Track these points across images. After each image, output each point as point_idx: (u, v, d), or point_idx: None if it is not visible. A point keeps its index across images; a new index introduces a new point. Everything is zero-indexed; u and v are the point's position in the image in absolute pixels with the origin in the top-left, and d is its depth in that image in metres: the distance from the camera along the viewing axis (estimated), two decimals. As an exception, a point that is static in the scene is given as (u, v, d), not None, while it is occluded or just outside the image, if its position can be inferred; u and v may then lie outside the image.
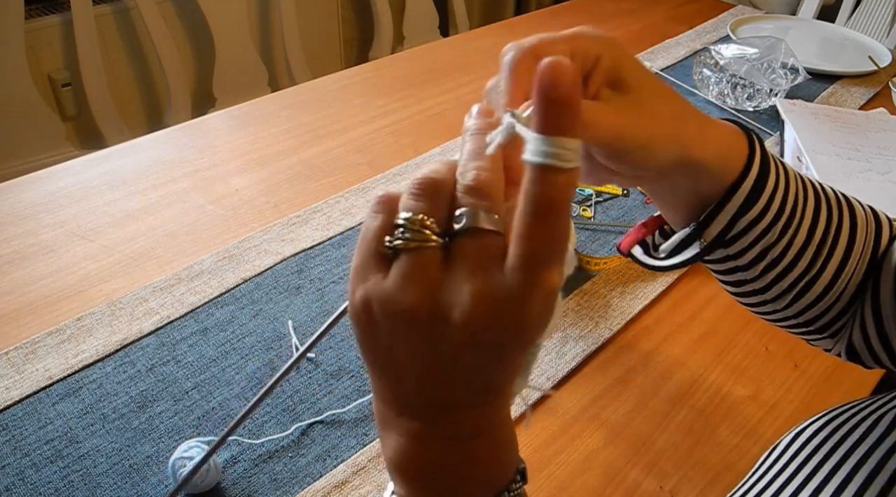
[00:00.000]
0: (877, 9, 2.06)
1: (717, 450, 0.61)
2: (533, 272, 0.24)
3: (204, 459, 0.50)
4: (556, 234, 0.24)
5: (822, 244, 0.43)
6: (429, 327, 0.25)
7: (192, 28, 2.06)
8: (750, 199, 0.40)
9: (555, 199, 0.24)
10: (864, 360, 0.47)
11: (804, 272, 0.43)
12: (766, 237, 0.41)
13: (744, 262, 0.43)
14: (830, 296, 0.45)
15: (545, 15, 1.57)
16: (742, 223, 0.41)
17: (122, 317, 0.70)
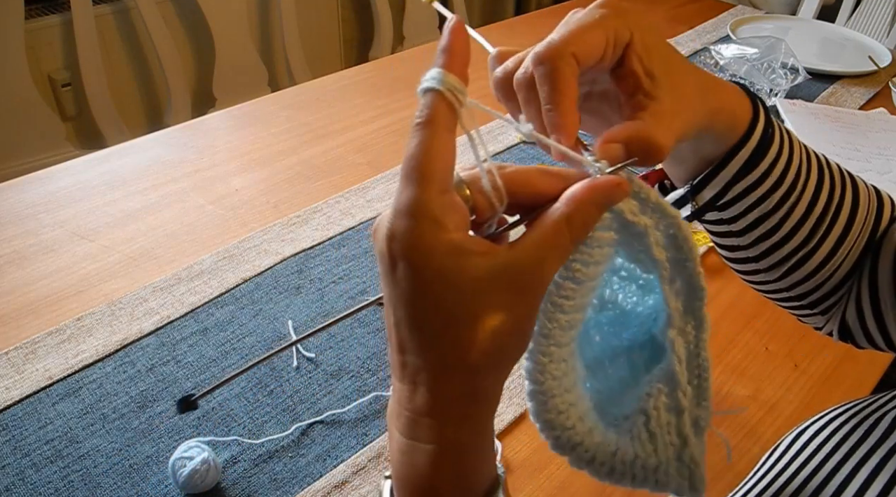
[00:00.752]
0: (877, 9, 2.06)
1: (717, 450, 0.61)
2: None
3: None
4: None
5: (822, 219, 0.42)
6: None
7: (192, 28, 2.06)
8: (747, 166, 0.39)
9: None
10: (856, 340, 0.46)
11: (800, 246, 0.42)
12: (762, 205, 0.41)
13: (738, 228, 0.43)
14: (825, 272, 0.44)
15: (545, 15, 1.57)
16: (738, 188, 0.40)
17: (122, 317, 0.70)
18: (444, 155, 0.28)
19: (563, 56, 0.31)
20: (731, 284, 0.79)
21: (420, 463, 0.29)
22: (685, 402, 0.31)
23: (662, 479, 0.31)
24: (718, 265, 0.81)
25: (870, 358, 0.71)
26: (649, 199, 0.31)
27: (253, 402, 0.62)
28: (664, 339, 0.31)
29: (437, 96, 0.28)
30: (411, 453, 0.29)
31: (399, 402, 0.30)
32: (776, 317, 0.75)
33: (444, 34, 0.29)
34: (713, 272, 0.80)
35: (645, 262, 0.32)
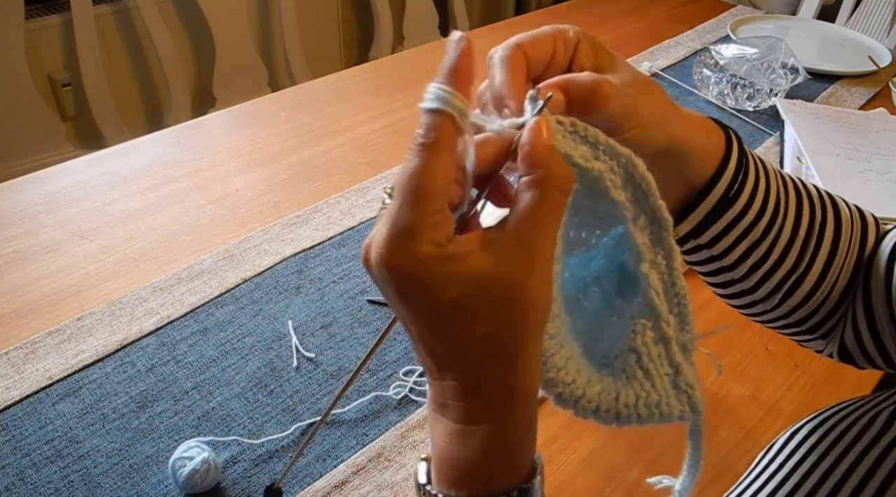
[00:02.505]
0: (877, 9, 2.06)
1: (716, 450, 0.61)
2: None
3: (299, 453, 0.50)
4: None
5: (808, 241, 0.43)
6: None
7: (192, 28, 2.06)
8: (727, 198, 0.40)
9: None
10: (857, 361, 0.46)
11: (791, 269, 0.43)
12: (750, 235, 0.41)
13: (729, 262, 0.43)
14: (819, 294, 0.44)
15: (545, 15, 1.57)
16: (723, 222, 0.41)
17: (122, 317, 0.70)
18: (446, 176, 0.28)
19: (511, 47, 0.34)
20: (731, 284, 0.79)
21: (473, 444, 0.30)
22: (670, 332, 0.32)
23: (665, 410, 0.32)
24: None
25: (870, 358, 0.71)
26: (598, 141, 0.31)
27: (253, 402, 0.62)
28: (637, 274, 0.32)
29: (445, 119, 0.28)
30: (463, 436, 0.30)
31: (446, 397, 0.30)
32: (776, 317, 0.75)
33: (450, 50, 0.29)
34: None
35: (605, 204, 0.32)
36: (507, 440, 0.30)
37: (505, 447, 0.30)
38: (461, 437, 0.30)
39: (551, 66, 0.35)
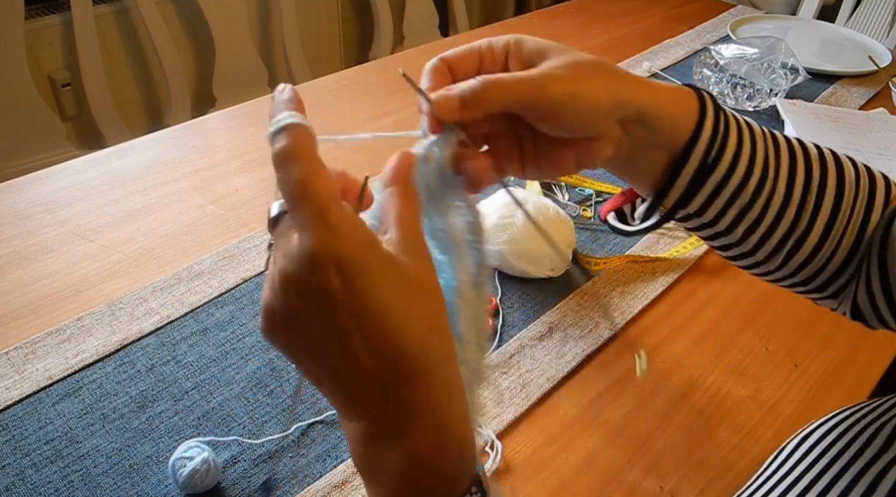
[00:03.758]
0: (877, 9, 2.06)
1: (717, 450, 0.61)
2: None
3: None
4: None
5: (805, 200, 0.41)
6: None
7: (192, 28, 2.06)
8: (707, 164, 0.39)
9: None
10: (868, 321, 0.45)
11: (790, 230, 0.42)
12: (739, 199, 0.40)
13: (723, 228, 0.42)
14: (824, 252, 0.43)
15: (545, 15, 1.57)
16: (707, 189, 0.40)
17: (122, 317, 0.70)
18: (324, 172, 0.30)
19: (435, 61, 0.37)
20: (732, 284, 0.79)
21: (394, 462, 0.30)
22: (470, 356, 0.34)
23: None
24: (718, 266, 0.81)
25: (869, 359, 0.71)
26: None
27: (253, 402, 0.62)
28: (451, 303, 0.33)
29: (294, 127, 0.31)
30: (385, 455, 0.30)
31: (368, 419, 0.30)
32: (776, 317, 0.75)
33: (277, 94, 0.33)
34: (713, 273, 0.80)
35: (442, 238, 0.35)
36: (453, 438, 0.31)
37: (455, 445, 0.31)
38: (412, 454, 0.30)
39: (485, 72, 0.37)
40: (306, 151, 0.30)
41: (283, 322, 0.29)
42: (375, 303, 0.28)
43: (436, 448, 0.30)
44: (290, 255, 0.28)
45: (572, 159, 0.39)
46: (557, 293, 0.76)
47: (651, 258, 0.81)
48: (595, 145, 0.38)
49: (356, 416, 0.31)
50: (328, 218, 0.28)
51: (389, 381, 0.29)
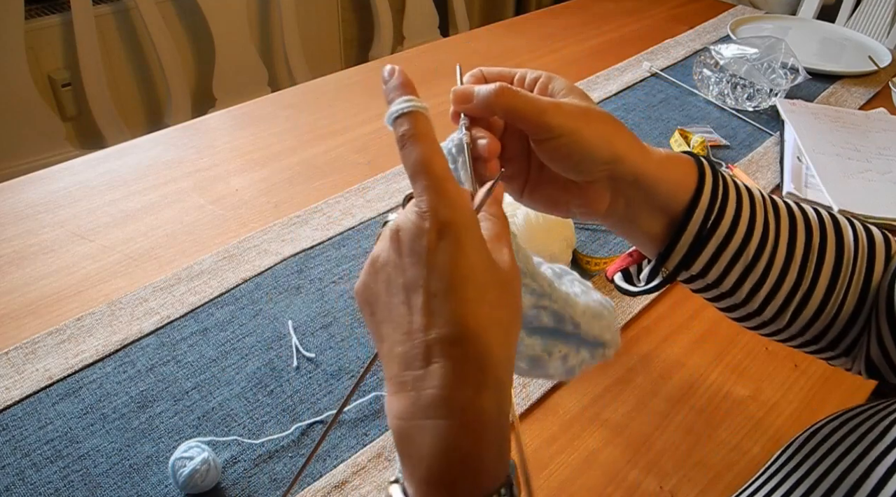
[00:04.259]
0: (877, 9, 2.06)
1: (717, 450, 0.61)
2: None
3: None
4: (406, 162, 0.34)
5: (807, 259, 0.43)
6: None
7: (192, 28, 2.06)
8: (707, 227, 0.41)
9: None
10: (885, 376, 0.46)
11: (794, 289, 0.43)
12: (741, 259, 0.42)
13: (727, 288, 0.44)
14: (829, 309, 0.44)
15: (545, 15, 1.57)
16: (708, 251, 0.42)
17: (122, 317, 0.70)
18: (442, 156, 0.34)
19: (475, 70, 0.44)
20: (731, 284, 0.79)
21: (475, 434, 0.30)
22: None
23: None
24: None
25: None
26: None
27: (253, 402, 0.62)
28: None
29: (417, 114, 0.34)
30: (461, 429, 0.30)
31: (426, 386, 0.30)
32: (776, 317, 0.75)
33: (387, 76, 0.36)
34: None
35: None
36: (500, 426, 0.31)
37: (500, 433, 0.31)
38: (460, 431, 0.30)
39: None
40: (425, 133, 0.34)
41: (377, 269, 0.33)
42: (458, 271, 0.30)
43: (475, 435, 0.30)
44: (404, 214, 0.32)
45: (567, 203, 0.43)
46: (557, 293, 0.76)
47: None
48: (590, 195, 0.42)
49: (403, 388, 0.31)
50: (441, 188, 0.32)
51: (440, 352, 0.30)
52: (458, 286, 0.30)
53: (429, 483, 0.30)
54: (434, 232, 0.31)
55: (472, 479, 0.30)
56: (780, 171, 1.01)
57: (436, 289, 0.30)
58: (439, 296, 0.30)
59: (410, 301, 0.31)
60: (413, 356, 0.30)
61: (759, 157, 1.05)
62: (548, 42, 1.40)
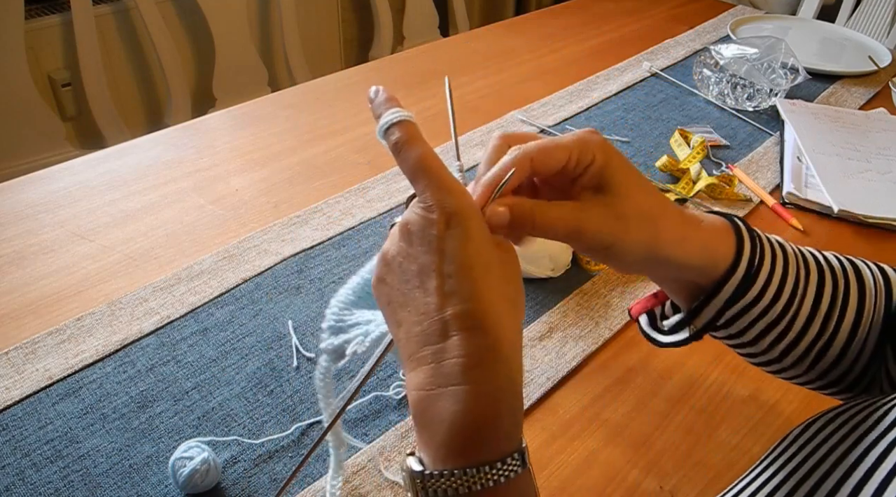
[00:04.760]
0: (877, 9, 2.06)
1: (717, 450, 0.61)
2: None
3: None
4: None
5: (830, 312, 0.43)
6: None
7: (192, 28, 2.06)
8: (739, 292, 0.41)
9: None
10: None
11: (815, 339, 0.44)
12: (764, 318, 0.42)
13: (748, 340, 0.44)
14: (849, 355, 0.45)
15: (545, 15, 1.57)
16: (734, 310, 0.42)
17: (122, 317, 0.70)
18: (436, 155, 0.36)
19: (525, 152, 0.38)
20: (731, 284, 0.79)
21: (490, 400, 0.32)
22: None
23: None
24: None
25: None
26: None
27: (253, 402, 0.62)
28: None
29: (407, 122, 0.38)
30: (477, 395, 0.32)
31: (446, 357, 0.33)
32: (776, 317, 0.75)
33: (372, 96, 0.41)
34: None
35: None
36: (515, 395, 0.33)
37: (514, 403, 0.33)
38: (475, 397, 0.32)
39: (562, 174, 0.39)
40: (416, 137, 0.37)
41: (388, 262, 0.36)
42: (467, 254, 0.33)
43: (492, 400, 0.32)
44: (410, 210, 0.35)
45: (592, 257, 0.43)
46: (557, 293, 0.76)
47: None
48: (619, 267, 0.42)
49: (422, 362, 0.33)
50: (442, 182, 0.35)
51: (457, 326, 0.32)
52: (468, 267, 0.33)
53: (448, 446, 0.32)
54: (442, 222, 0.34)
55: (489, 442, 0.32)
56: (780, 171, 1.01)
57: (448, 271, 0.33)
58: (452, 277, 0.33)
59: (425, 285, 0.34)
60: (431, 333, 0.33)
61: (759, 157, 1.05)
62: (548, 42, 1.40)
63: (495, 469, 0.31)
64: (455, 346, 0.32)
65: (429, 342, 0.33)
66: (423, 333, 0.33)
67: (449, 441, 0.32)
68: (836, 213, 0.90)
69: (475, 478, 0.31)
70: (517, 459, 0.32)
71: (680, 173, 0.97)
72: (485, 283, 0.33)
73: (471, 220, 0.34)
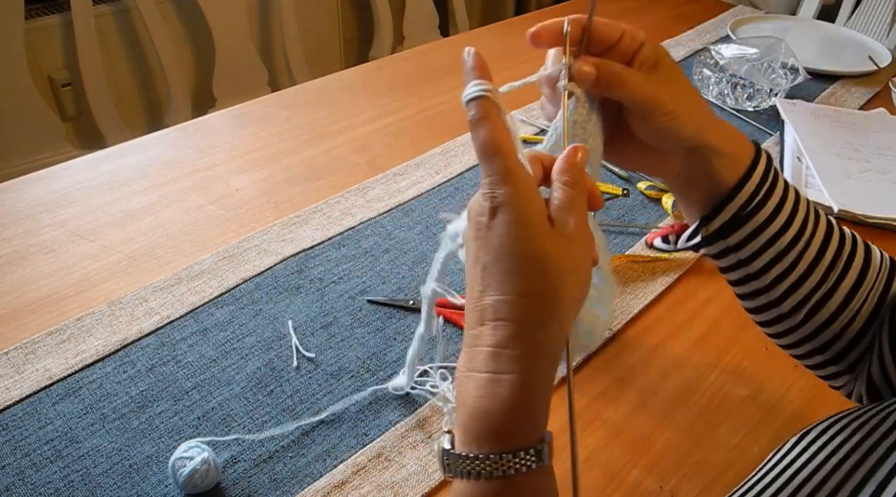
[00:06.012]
0: (877, 9, 2.06)
1: (717, 450, 0.61)
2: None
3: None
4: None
5: (834, 264, 0.45)
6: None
7: (192, 28, 2.06)
8: (754, 203, 0.44)
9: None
10: (885, 398, 0.47)
11: (816, 286, 0.45)
12: (776, 244, 0.44)
13: (756, 269, 0.46)
14: (844, 317, 0.46)
15: (545, 15, 1.57)
16: (748, 228, 0.44)
17: (122, 317, 0.70)
18: (509, 135, 0.37)
19: (576, 20, 0.45)
20: (731, 284, 0.79)
21: (502, 392, 0.33)
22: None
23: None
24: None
25: (870, 358, 0.71)
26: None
27: (253, 402, 0.62)
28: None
29: (485, 99, 0.37)
30: (492, 385, 0.33)
31: (478, 344, 0.34)
32: (776, 317, 0.75)
33: (466, 58, 0.40)
34: (713, 273, 0.80)
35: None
36: (531, 393, 0.33)
37: (528, 400, 0.33)
38: (490, 386, 0.33)
39: (615, 50, 0.44)
40: (487, 117, 0.37)
41: (465, 240, 0.37)
42: (504, 246, 0.34)
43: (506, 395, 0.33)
44: (477, 193, 0.36)
45: (641, 162, 0.47)
46: (557, 293, 0.76)
47: (651, 258, 0.81)
48: (666, 161, 0.46)
49: (466, 343, 0.35)
50: (500, 169, 0.35)
51: (489, 316, 0.34)
52: (504, 260, 0.34)
53: (466, 430, 0.34)
54: (489, 211, 0.35)
55: (503, 432, 0.33)
56: (780, 170, 1.01)
57: (486, 261, 0.35)
58: (489, 267, 0.34)
59: (474, 269, 0.35)
60: (474, 318, 0.35)
61: (759, 157, 1.05)
62: (548, 42, 1.40)
63: (508, 460, 0.32)
64: (486, 334, 0.34)
65: (471, 325, 0.35)
66: (469, 316, 0.35)
67: (468, 426, 0.34)
68: (836, 213, 0.90)
69: (491, 465, 0.32)
70: (532, 455, 0.33)
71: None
72: (521, 277, 0.34)
73: (516, 211, 0.34)
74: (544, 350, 0.34)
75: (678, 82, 0.44)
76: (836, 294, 0.46)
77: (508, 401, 0.33)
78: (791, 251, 0.45)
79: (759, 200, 0.44)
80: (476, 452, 0.33)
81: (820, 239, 0.45)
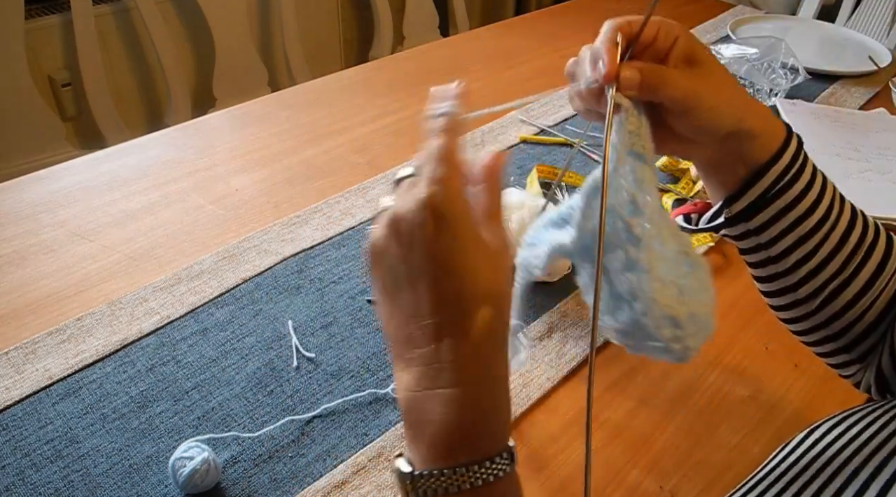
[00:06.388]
0: (877, 9, 2.06)
1: (717, 450, 0.61)
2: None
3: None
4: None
5: (855, 252, 0.45)
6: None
7: (192, 28, 2.06)
8: (781, 184, 0.44)
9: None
10: (893, 389, 0.47)
11: (835, 274, 0.45)
12: (799, 228, 0.44)
13: (776, 253, 0.46)
14: (859, 307, 0.46)
15: (545, 15, 1.57)
16: (772, 210, 0.44)
17: (122, 317, 0.70)
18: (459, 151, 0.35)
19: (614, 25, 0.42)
20: (732, 285, 0.79)
21: (440, 408, 0.32)
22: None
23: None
24: (718, 266, 0.81)
25: (870, 358, 0.71)
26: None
27: (253, 402, 0.62)
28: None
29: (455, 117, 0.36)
30: (460, 400, 0.32)
31: (421, 364, 0.33)
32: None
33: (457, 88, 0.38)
34: (713, 272, 0.80)
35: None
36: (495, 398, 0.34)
37: (495, 405, 0.34)
38: (457, 401, 0.32)
39: (652, 47, 0.43)
40: (453, 131, 0.36)
41: (380, 253, 0.35)
42: (456, 258, 0.33)
43: (477, 405, 0.33)
44: (406, 199, 0.34)
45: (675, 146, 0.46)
46: (557, 293, 0.76)
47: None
48: (700, 147, 0.45)
49: (411, 364, 0.34)
50: (449, 180, 0.33)
51: (448, 331, 0.33)
52: (457, 272, 0.33)
53: (437, 446, 0.33)
54: (431, 224, 0.33)
55: (477, 442, 0.32)
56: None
57: (438, 276, 0.33)
58: (442, 282, 0.33)
59: (415, 288, 0.33)
60: (420, 336, 0.33)
61: (759, 157, 1.05)
62: (548, 42, 1.40)
63: (484, 468, 0.32)
64: (445, 350, 0.32)
65: (418, 345, 0.33)
66: (413, 336, 0.33)
67: (438, 441, 0.32)
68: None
69: (464, 477, 0.32)
70: (506, 459, 0.33)
71: (680, 173, 0.97)
72: (474, 286, 0.33)
73: (460, 224, 0.33)
74: (503, 349, 0.34)
75: (716, 74, 0.43)
76: (854, 282, 0.45)
77: (485, 408, 0.33)
78: (814, 236, 0.44)
79: (788, 180, 0.44)
80: (452, 466, 0.32)
81: (844, 225, 0.45)
